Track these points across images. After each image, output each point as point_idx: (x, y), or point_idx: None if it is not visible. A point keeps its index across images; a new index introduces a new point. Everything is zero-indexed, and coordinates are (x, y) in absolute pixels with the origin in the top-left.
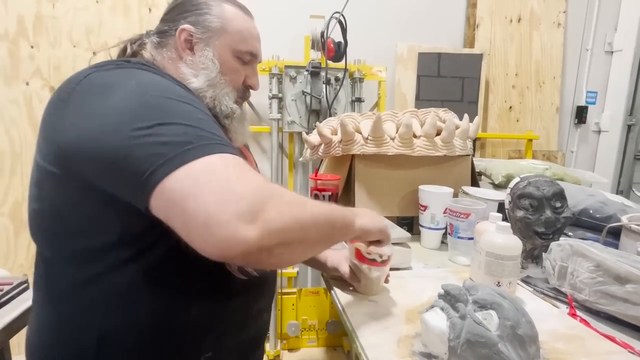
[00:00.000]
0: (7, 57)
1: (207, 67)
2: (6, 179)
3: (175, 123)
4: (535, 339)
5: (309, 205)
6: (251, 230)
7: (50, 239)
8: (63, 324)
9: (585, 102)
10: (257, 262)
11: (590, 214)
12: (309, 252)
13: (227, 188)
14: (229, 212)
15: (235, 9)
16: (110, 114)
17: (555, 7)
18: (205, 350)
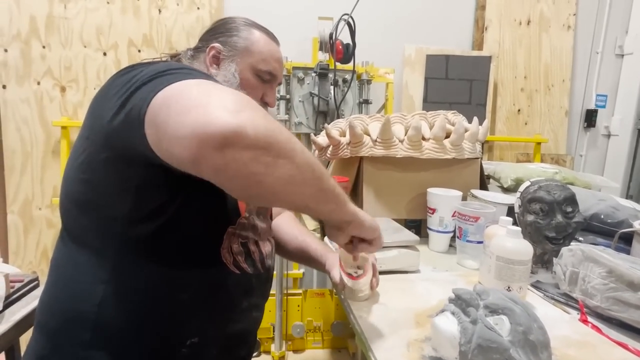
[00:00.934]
0: (20, 57)
1: (228, 80)
2: (17, 178)
3: (177, 69)
4: (547, 345)
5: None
6: (233, 117)
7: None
8: (69, 289)
9: (595, 105)
10: (237, 164)
11: (601, 219)
12: (298, 185)
13: (211, 90)
14: (210, 105)
15: (261, 34)
16: (128, 82)
17: (565, 9)
18: (191, 335)
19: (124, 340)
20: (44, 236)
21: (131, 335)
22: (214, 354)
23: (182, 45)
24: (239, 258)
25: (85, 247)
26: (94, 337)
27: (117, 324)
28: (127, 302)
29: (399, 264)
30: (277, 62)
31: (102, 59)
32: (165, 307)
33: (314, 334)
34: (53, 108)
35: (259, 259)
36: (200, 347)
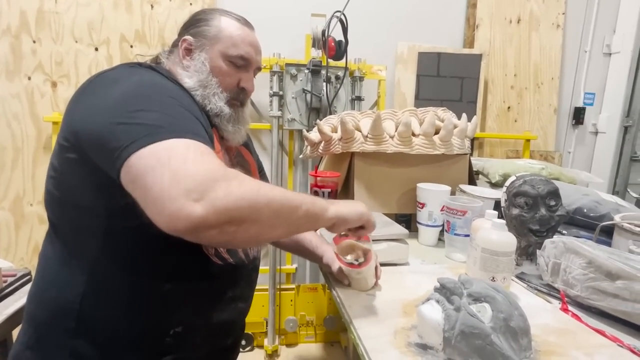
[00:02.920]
0: (10, 52)
1: (198, 69)
2: (7, 173)
3: (154, 110)
4: (527, 331)
5: (265, 189)
6: (196, 207)
7: (57, 208)
8: (54, 280)
9: (583, 103)
10: (209, 239)
11: (584, 213)
12: (267, 233)
13: (181, 168)
14: (178, 189)
15: (231, 20)
16: (109, 101)
17: (554, 8)
18: (175, 324)
19: (107, 330)
20: (35, 232)
21: (115, 325)
22: (199, 343)
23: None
24: (220, 249)
25: (67, 240)
26: (78, 327)
27: (100, 315)
28: (109, 293)
29: (389, 256)
30: (250, 46)
31: (94, 55)
32: (148, 297)
33: (306, 328)
34: (44, 103)
35: (242, 250)
36: (184, 336)
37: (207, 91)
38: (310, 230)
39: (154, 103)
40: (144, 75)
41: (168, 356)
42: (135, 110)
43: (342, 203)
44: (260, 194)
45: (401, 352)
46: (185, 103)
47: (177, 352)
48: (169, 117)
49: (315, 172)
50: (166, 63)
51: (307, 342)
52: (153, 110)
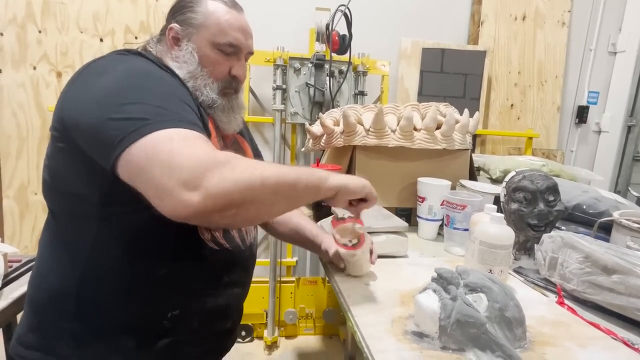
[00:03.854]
0: (15, 41)
1: (187, 60)
2: (12, 162)
3: (140, 102)
4: (522, 321)
5: (260, 168)
6: (193, 196)
7: (52, 195)
8: (52, 265)
9: (587, 102)
10: (212, 223)
11: (583, 209)
12: (268, 211)
13: (170, 160)
14: (172, 182)
15: (218, 3)
16: (99, 93)
17: (560, 6)
18: (172, 308)
19: (105, 314)
20: (40, 221)
21: (112, 309)
22: (195, 326)
23: None
24: (217, 234)
25: (63, 227)
26: (76, 311)
27: (98, 298)
28: (106, 277)
29: (388, 248)
30: (240, 31)
31: (98, 45)
32: (144, 281)
33: (306, 320)
34: (49, 93)
35: (239, 236)
36: (181, 320)
37: (197, 82)
38: (313, 200)
39: (141, 93)
40: (133, 63)
41: (165, 339)
42: (122, 103)
43: (342, 175)
44: (254, 175)
45: (398, 339)
46: (173, 89)
47: (174, 335)
48: (155, 108)
49: (317, 165)
50: (155, 51)
51: (306, 334)
52: (139, 102)
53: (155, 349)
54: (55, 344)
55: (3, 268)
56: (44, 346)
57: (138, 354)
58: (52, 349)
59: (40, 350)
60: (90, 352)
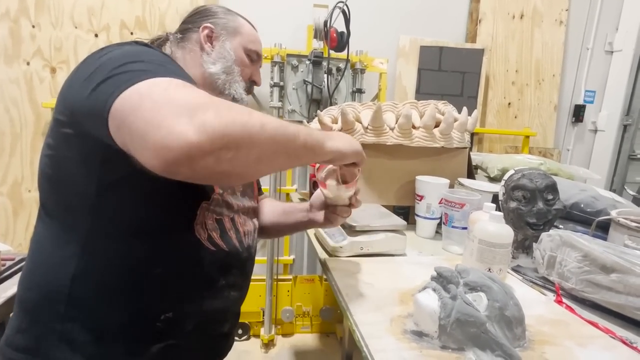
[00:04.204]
0: (9, 36)
1: (224, 57)
2: (6, 159)
3: (140, 61)
4: (522, 321)
5: (258, 114)
6: (188, 129)
7: (49, 186)
8: (44, 263)
9: (583, 101)
10: (206, 169)
11: (581, 208)
12: (269, 160)
13: (165, 96)
14: (163, 113)
15: (244, 20)
16: (96, 65)
17: (558, 5)
18: (165, 310)
19: (98, 314)
20: (33, 218)
21: (105, 309)
22: (190, 329)
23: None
24: (213, 234)
25: (57, 222)
26: (68, 311)
27: (91, 298)
28: (99, 276)
29: (386, 247)
30: (260, 45)
31: (93, 41)
32: (138, 281)
33: (303, 318)
34: (43, 89)
35: (236, 237)
36: (174, 322)
37: (229, 77)
38: (310, 162)
39: (140, 57)
40: (136, 47)
41: (159, 343)
42: (120, 64)
43: (337, 137)
44: (253, 118)
45: (397, 338)
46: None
47: (168, 339)
48: (155, 66)
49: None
50: (177, 51)
51: (303, 332)
52: (139, 61)
53: (149, 353)
54: (45, 346)
55: None
56: (33, 348)
57: (131, 358)
58: (41, 352)
59: (28, 353)
60: (81, 355)
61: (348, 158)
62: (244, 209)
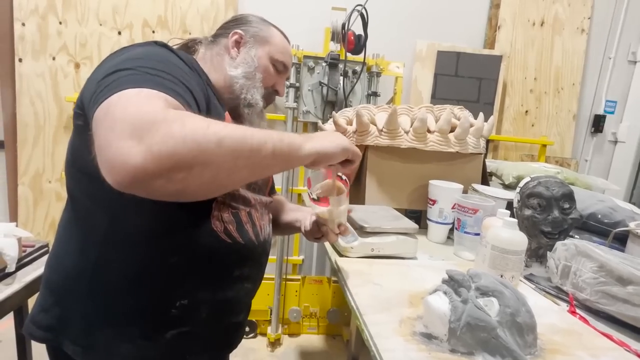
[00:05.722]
0: (37, 31)
1: (247, 62)
2: (29, 150)
3: (131, 68)
4: (534, 328)
5: (217, 127)
6: (135, 153)
7: (72, 174)
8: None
9: (604, 111)
10: (159, 190)
11: (598, 218)
12: (227, 177)
13: (119, 113)
14: (114, 135)
15: (278, 31)
16: (107, 66)
17: (580, 13)
18: (181, 297)
19: (116, 298)
20: (53, 209)
21: (123, 294)
22: (203, 317)
23: (195, 28)
24: (230, 227)
25: (83, 211)
26: (89, 293)
27: (110, 282)
28: (118, 263)
29: (397, 249)
30: (290, 58)
31: (116, 38)
32: (155, 269)
33: (309, 319)
34: (67, 84)
35: (252, 230)
36: (189, 309)
37: (249, 82)
38: (284, 170)
39: (137, 62)
40: (152, 48)
41: (173, 330)
42: (112, 72)
43: (318, 137)
44: (208, 133)
45: (406, 339)
46: (178, 71)
47: (182, 326)
48: (143, 74)
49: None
50: (204, 52)
51: (310, 333)
52: (131, 68)
53: (164, 338)
54: (67, 325)
55: (17, 252)
56: (55, 326)
57: (147, 341)
58: (63, 330)
59: (51, 331)
60: (100, 337)
61: (334, 157)
62: (262, 203)
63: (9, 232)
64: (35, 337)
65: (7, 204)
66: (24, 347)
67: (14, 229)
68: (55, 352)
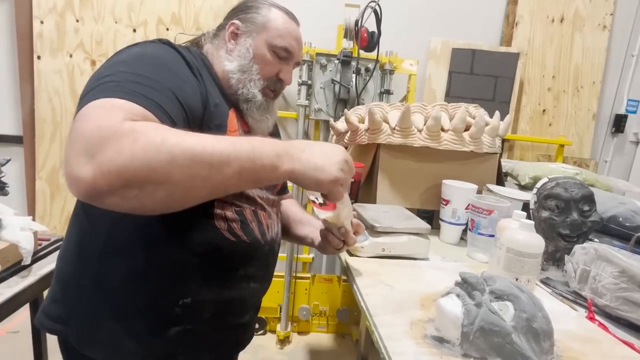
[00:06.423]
0: (54, 29)
1: (242, 55)
2: (46, 145)
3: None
4: (551, 334)
5: (172, 142)
6: (85, 170)
7: None
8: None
9: (625, 110)
10: (114, 205)
11: (619, 222)
12: (183, 196)
13: (79, 128)
14: (72, 150)
15: (280, 12)
16: (96, 72)
17: (602, 8)
18: (184, 295)
19: (121, 293)
20: (69, 203)
21: (127, 289)
22: (207, 317)
23: (209, 25)
24: (234, 225)
25: (87, 206)
26: (95, 287)
27: (115, 277)
28: (122, 257)
29: (408, 250)
30: (295, 40)
31: (131, 35)
32: (158, 265)
33: (319, 318)
34: (83, 81)
35: (258, 229)
36: (192, 308)
37: (244, 76)
38: (253, 188)
39: (121, 66)
40: (147, 47)
41: (176, 327)
42: (99, 77)
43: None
44: (161, 150)
45: (417, 342)
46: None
47: (186, 324)
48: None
49: None
50: (208, 46)
51: (319, 331)
52: (111, 74)
53: (166, 336)
54: (74, 318)
55: (33, 245)
56: (64, 318)
57: (150, 338)
58: (70, 322)
59: (60, 322)
60: (105, 330)
61: (310, 187)
62: (268, 201)
63: (25, 225)
64: (45, 327)
65: (25, 198)
66: (39, 338)
67: (30, 222)
68: (64, 344)
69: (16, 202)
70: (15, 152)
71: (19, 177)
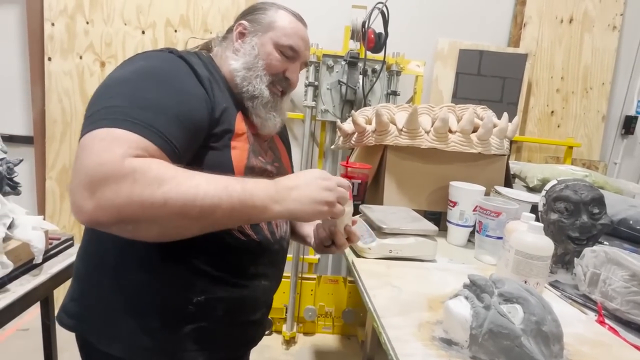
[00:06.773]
0: (65, 31)
1: (247, 53)
2: (56, 146)
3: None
4: (560, 338)
5: (167, 187)
6: (87, 203)
7: None
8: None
9: (636, 111)
10: (114, 232)
11: (630, 224)
12: (175, 233)
13: (83, 161)
14: (76, 182)
15: (287, 13)
16: (101, 85)
17: (611, 9)
18: (198, 293)
19: (136, 291)
20: None
21: (143, 287)
22: (220, 315)
23: (217, 27)
24: (243, 224)
25: None
26: (112, 284)
27: (131, 275)
28: (138, 256)
29: (416, 251)
30: (301, 40)
31: (140, 37)
32: (172, 264)
33: (325, 318)
34: (93, 82)
35: (267, 228)
36: (205, 306)
37: (250, 73)
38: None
39: (126, 87)
40: (153, 61)
41: (191, 324)
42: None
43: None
44: (156, 194)
45: (424, 344)
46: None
47: (200, 321)
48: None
49: (347, 162)
50: (217, 49)
51: (325, 332)
52: (113, 96)
53: (181, 333)
54: (91, 315)
55: (44, 244)
56: (81, 315)
57: (164, 335)
58: (87, 319)
59: (77, 319)
60: (121, 327)
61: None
62: None
63: (36, 224)
64: (65, 325)
65: (35, 198)
66: (49, 336)
67: (41, 221)
68: (82, 341)
69: (26, 201)
70: (26, 152)
71: (29, 177)
